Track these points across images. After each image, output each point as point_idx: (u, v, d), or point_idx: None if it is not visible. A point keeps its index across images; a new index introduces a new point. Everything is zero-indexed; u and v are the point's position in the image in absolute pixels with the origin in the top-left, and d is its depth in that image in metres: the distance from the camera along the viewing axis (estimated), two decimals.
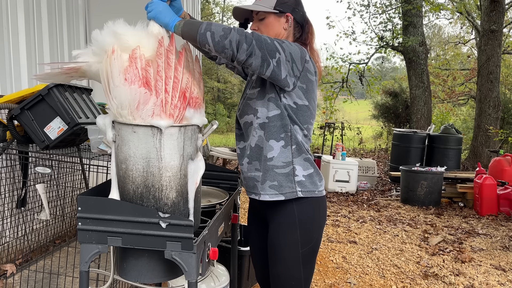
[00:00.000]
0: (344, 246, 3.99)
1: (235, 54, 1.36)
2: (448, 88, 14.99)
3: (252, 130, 1.60)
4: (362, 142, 12.53)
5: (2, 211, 2.84)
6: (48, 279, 2.75)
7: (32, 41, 3.41)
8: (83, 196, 1.34)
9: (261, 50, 1.38)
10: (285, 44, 1.46)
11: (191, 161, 1.38)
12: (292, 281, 1.61)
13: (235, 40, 1.35)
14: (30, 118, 2.52)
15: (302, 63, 1.51)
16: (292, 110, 1.56)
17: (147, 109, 1.26)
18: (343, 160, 6.48)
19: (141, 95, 1.26)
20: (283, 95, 1.54)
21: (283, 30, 1.62)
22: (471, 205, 5.63)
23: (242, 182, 1.76)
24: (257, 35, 1.40)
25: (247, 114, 1.62)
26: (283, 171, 1.57)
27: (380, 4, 10.81)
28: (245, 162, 1.65)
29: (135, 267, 1.40)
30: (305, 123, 1.59)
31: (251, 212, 1.83)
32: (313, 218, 1.61)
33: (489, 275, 3.38)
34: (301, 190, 1.58)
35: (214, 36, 1.35)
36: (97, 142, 2.44)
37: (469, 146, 9.44)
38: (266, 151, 1.57)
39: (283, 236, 1.60)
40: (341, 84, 11.17)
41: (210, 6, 23.23)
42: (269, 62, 1.41)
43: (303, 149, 1.60)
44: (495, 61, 8.41)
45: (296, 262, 1.61)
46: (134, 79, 1.26)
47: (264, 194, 1.60)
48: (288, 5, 1.61)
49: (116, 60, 1.28)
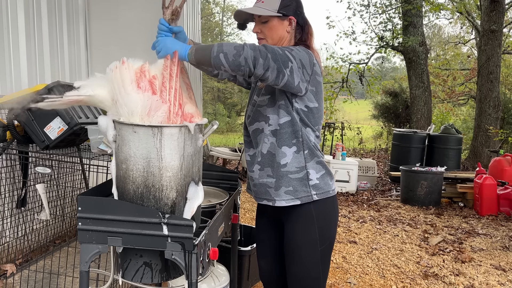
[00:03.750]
0: (344, 246, 3.99)
1: (252, 70, 1.36)
2: (448, 88, 14.99)
3: (264, 137, 1.61)
4: (362, 142, 12.53)
5: (2, 211, 2.84)
6: (48, 279, 2.74)
7: (32, 41, 3.41)
8: (83, 196, 1.34)
9: (276, 63, 1.38)
10: (295, 52, 1.47)
11: (193, 184, 1.40)
12: (312, 279, 1.64)
13: (250, 56, 1.35)
14: (30, 118, 2.52)
15: (311, 67, 1.53)
16: (304, 113, 1.58)
17: (158, 115, 1.30)
18: (343, 160, 6.48)
19: (153, 102, 1.30)
20: (294, 100, 1.56)
21: (286, 33, 1.63)
22: (471, 205, 5.63)
23: (250, 189, 1.76)
24: (270, 48, 1.39)
25: (258, 121, 1.63)
26: (297, 176, 1.59)
27: (380, 4, 10.80)
28: (256, 169, 1.65)
29: (135, 267, 1.40)
30: (316, 124, 1.62)
31: (261, 217, 1.82)
32: (330, 216, 1.66)
33: (489, 275, 3.38)
34: (316, 193, 1.61)
35: (228, 56, 1.35)
36: (97, 142, 2.44)
37: (469, 146, 9.44)
38: (279, 158, 1.59)
39: (302, 236, 1.62)
40: (341, 84, 11.16)
41: (210, 6, 23.23)
42: (284, 73, 1.41)
43: (315, 153, 1.62)
44: (495, 61, 8.41)
45: (316, 260, 1.63)
46: (147, 87, 1.31)
47: (279, 200, 1.61)
48: (291, 8, 1.61)
49: (128, 70, 1.32)
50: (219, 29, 25.16)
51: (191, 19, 6.93)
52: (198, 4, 7.05)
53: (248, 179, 1.76)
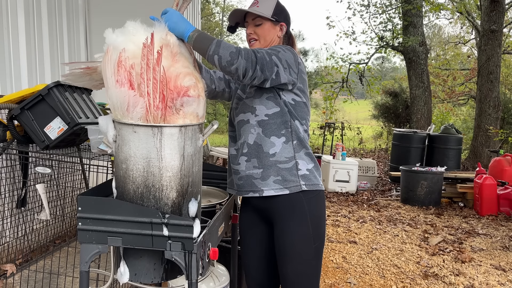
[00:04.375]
0: (344, 246, 3.99)
1: (241, 78, 1.46)
2: (448, 88, 14.98)
3: (250, 127, 1.64)
4: (362, 142, 12.52)
5: (2, 211, 2.84)
6: (48, 279, 2.74)
7: (32, 41, 3.41)
8: (83, 196, 1.34)
9: (263, 72, 1.48)
10: (281, 54, 1.56)
11: (194, 200, 1.40)
12: (308, 278, 1.64)
13: (242, 67, 1.42)
14: (30, 118, 2.52)
15: (297, 65, 1.62)
16: (291, 106, 1.64)
17: (136, 111, 1.27)
18: (343, 160, 6.48)
19: (131, 97, 1.27)
20: (282, 93, 1.63)
21: (277, 37, 1.74)
22: (471, 205, 5.63)
23: (232, 186, 1.74)
24: (260, 57, 1.47)
25: (244, 113, 1.67)
26: (286, 166, 1.62)
27: (380, 4, 10.81)
28: (242, 161, 1.66)
29: (135, 267, 1.40)
30: (303, 118, 1.68)
31: (246, 212, 1.80)
32: (321, 212, 1.68)
33: (489, 275, 3.38)
34: (305, 184, 1.63)
35: (221, 60, 1.41)
36: (97, 142, 2.44)
37: (469, 146, 9.44)
38: (267, 148, 1.62)
39: (296, 233, 1.62)
40: (341, 84, 11.16)
41: (210, 6, 23.24)
42: (269, 78, 1.52)
43: (304, 144, 1.67)
44: (495, 61, 8.41)
45: (311, 257, 1.64)
46: (124, 82, 1.27)
47: (268, 189, 1.62)
48: (282, 16, 1.74)
49: (109, 61, 1.29)
50: (219, 29, 25.17)
51: (191, 19, 6.94)
52: (198, 4, 7.06)
53: (230, 177, 1.75)
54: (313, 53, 29.82)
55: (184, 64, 1.38)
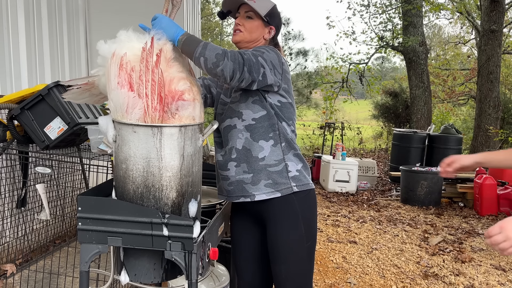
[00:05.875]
0: (344, 246, 3.99)
1: (227, 81, 1.43)
2: (448, 88, 14.99)
3: (238, 132, 1.63)
4: (362, 142, 12.52)
5: (2, 211, 2.84)
6: (48, 279, 2.75)
7: (32, 41, 3.41)
8: (83, 196, 1.34)
9: (251, 74, 1.46)
10: (265, 55, 1.54)
11: (194, 201, 1.39)
12: (302, 277, 1.64)
13: (229, 69, 1.39)
14: (30, 118, 2.52)
15: (281, 66, 1.61)
16: (278, 108, 1.63)
17: (135, 112, 1.29)
18: (343, 160, 6.48)
19: (130, 99, 1.29)
20: (267, 95, 1.62)
21: (263, 38, 1.73)
22: (471, 205, 5.63)
23: (221, 192, 1.72)
24: (247, 59, 1.45)
25: (230, 118, 1.65)
26: (276, 169, 1.62)
27: (380, 4, 10.81)
28: (231, 166, 1.65)
29: (135, 267, 1.40)
30: (290, 119, 1.68)
31: (237, 216, 1.80)
32: (312, 212, 1.68)
33: (489, 275, 3.38)
34: (296, 185, 1.63)
35: (207, 62, 1.39)
36: (97, 142, 2.44)
37: (469, 146, 9.44)
38: (256, 152, 1.61)
39: (289, 234, 1.62)
40: (341, 84, 11.17)
41: (210, 6, 23.23)
42: (256, 80, 1.49)
43: (293, 146, 1.67)
44: (495, 61, 8.41)
45: (304, 256, 1.64)
46: (124, 83, 1.29)
47: (259, 194, 1.61)
48: (276, 21, 1.74)
49: (114, 64, 1.31)
50: (219, 29, 25.18)
51: (191, 19, 6.94)
52: (198, 4, 7.06)
53: (219, 183, 1.73)
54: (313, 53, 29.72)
55: (178, 69, 1.40)
